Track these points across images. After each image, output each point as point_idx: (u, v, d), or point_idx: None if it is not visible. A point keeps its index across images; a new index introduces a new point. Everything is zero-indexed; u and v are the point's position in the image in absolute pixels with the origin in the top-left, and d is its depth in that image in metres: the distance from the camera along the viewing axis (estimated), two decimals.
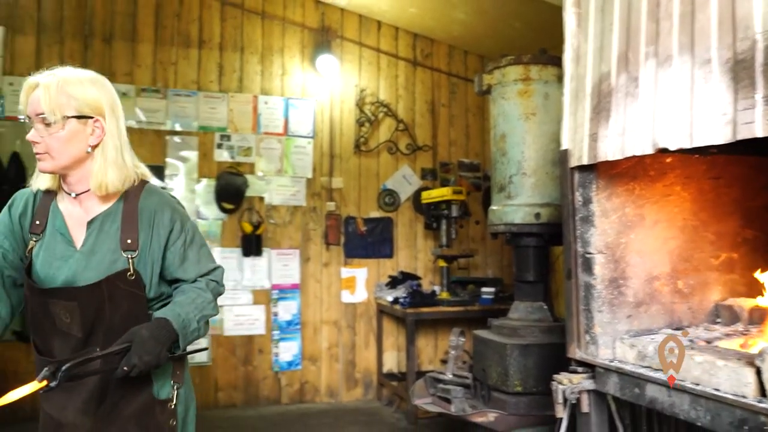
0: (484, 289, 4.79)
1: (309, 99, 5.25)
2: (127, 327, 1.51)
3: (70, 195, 1.62)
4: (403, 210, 5.49)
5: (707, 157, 2.32)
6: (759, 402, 1.52)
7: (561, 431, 2.16)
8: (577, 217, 2.19)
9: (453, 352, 3.42)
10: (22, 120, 1.58)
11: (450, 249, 4.89)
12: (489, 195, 3.58)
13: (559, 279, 4.17)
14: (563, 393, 2.09)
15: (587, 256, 2.16)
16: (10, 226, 1.62)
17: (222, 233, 4.98)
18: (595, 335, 2.13)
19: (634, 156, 1.89)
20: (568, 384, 2.09)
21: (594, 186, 2.17)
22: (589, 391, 2.11)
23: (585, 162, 2.11)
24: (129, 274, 1.56)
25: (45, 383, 1.35)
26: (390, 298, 4.92)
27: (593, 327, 2.13)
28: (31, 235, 1.61)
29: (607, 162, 2.04)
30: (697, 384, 1.70)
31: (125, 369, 1.44)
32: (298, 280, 5.15)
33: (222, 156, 5.01)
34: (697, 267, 2.32)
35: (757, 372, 1.56)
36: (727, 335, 2.07)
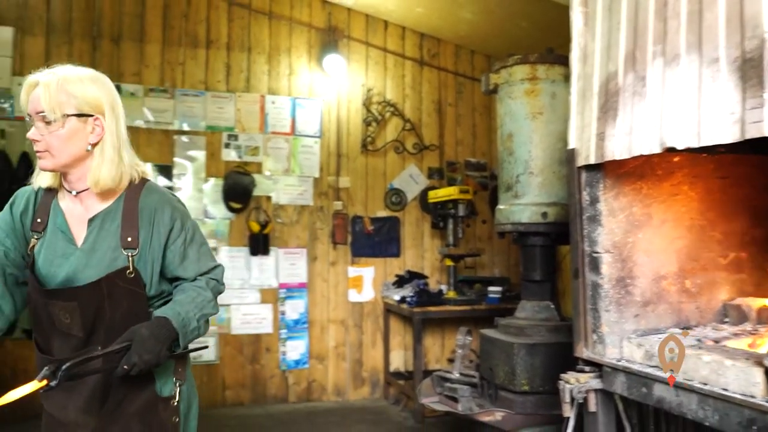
0: (491, 289, 4.79)
1: (316, 99, 5.27)
2: (128, 325, 1.51)
3: (70, 193, 1.62)
4: (410, 209, 5.50)
5: (715, 157, 2.31)
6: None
7: (568, 430, 2.16)
8: (585, 217, 2.19)
9: (460, 351, 3.42)
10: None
11: (457, 248, 4.89)
12: (496, 194, 3.58)
13: (566, 278, 4.16)
14: (570, 392, 2.09)
15: (594, 255, 2.16)
16: (11, 224, 1.62)
17: (230, 232, 5.01)
18: (603, 334, 2.12)
19: (641, 155, 1.89)
20: (575, 383, 2.09)
21: (601, 185, 2.16)
22: (597, 391, 2.10)
23: (592, 161, 2.11)
24: (128, 272, 1.56)
25: (45, 383, 1.34)
26: (397, 297, 4.93)
27: (600, 326, 2.13)
28: (33, 233, 1.61)
29: (615, 161, 2.04)
30: (705, 384, 1.70)
31: (125, 368, 1.44)
32: (305, 279, 5.17)
33: (229, 155, 5.03)
34: (705, 266, 2.31)
35: (766, 372, 1.56)
36: (736, 335, 2.06)
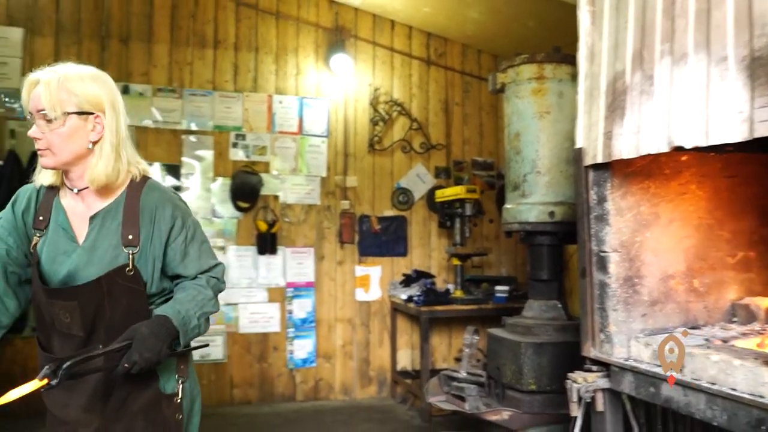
0: (498, 288, 4.79)
1: (323, 98, 5.28)
2: (128, 324, 1.51)
3: (72, 191, 1.63)
4: (417, 208, 5.50)
5: (723, 156, 2.30)
6: None
7: (575, 430, 2.16)
8: (592, 216, 2.19)
9: (467, 350, 3.42)
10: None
11: (464, 247, 4.89)
12: (503, 193, 3.58)
13: (573, 277, 4.15)
14: (578, 391, 2.09)
15: (602, 254, 2.16)
16: (13, 222, 1.63)
17: (237, 231, 5.03)
18: (610, 334, 2.12)
19: (648, 154, 1.88)
20: (582, 382, 2.09)
21: (608, 184, 2.16)
22: (604, 390, 2.10)
23: (600, 160, 2.11)
24: (128, 269, 1.56)
25: (46, 382, 1.34)
26: (404, 296, 4.93)
27: (608, 325, 2.13)
28: (35, 231, 1.61)
29: (622, 160, 2.03)
30: (714, 383, 1.69)
31: (126, 366, 1.45)
32: (312, 278, 5.19)
33: (237, 155, 5.05)
34: (713, 266, 2.30)
35: None
36: (744, 334, 2.05)
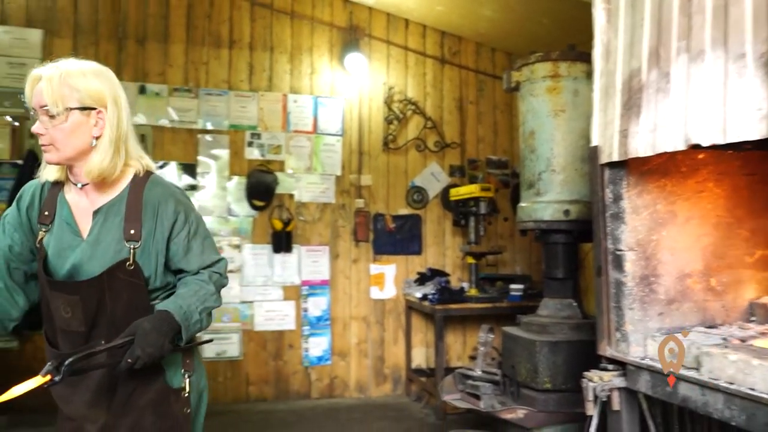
0: (512, 286, 4.78)
1: (338, 97, 5.30)
2: (130, 319, 1.52)
3: (76, 186, 1.64)
4: (432, 207, 5.50)
5: (741, 153, 2.28)
6: None
7: (591, 429, 2.15)
8: (608, 214, 2.18)
9: (482, 348, 3.42)
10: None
11: (478, 246, 4.89)
12: (517, 192, 3.57)
13: (589, 276, 4.13)
14: (594, 390, 2.08)
15: (618, 253, 2.15)
16: (18, 219, 1.65)
17: (253, 230, 5.06)
18: (626, 333, 2.11)
19: (665, 152, 1.87)
20: (598, 381, 2.08)
21: (624, 183, 2.15)
22: (620, 389, 2.09)
23: (615, 158, 2.10)
24: (128, 264, 1.57)
25: (49, 378, 1.35)
26: (419, 294, 4.94)
27: (624, 324, 2.12)
28: (40, 226, 1.63)
29: (638, 158, 2.02)
30: (732, 383, 1.68)
31: (129, 361, 1.46)
32: (327, 276, 5.21)
33: (252, 154, 5.08)
34: (731, 264, 2.28)
35: None
36: (762, 334, 2.03)
